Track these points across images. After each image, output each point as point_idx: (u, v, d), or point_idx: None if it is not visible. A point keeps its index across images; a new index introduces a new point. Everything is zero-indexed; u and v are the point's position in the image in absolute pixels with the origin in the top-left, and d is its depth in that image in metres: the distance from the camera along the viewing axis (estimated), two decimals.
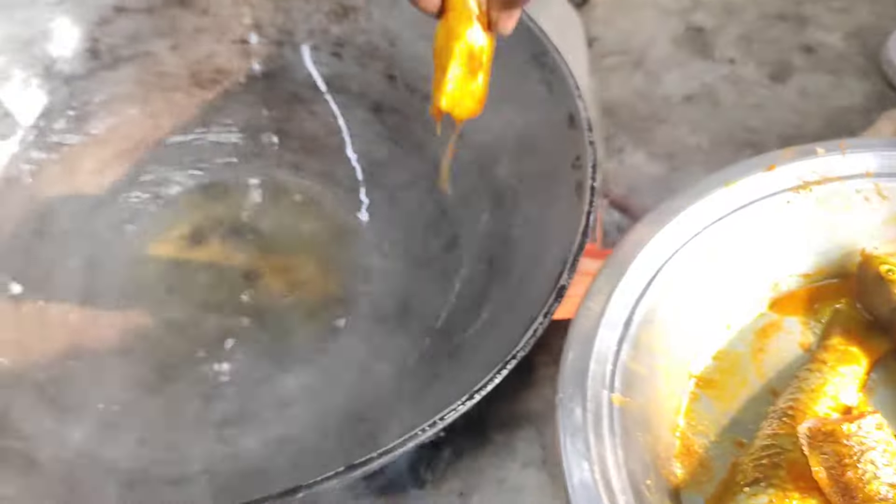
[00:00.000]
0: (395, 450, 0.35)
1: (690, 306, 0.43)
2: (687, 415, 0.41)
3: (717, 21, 0.88)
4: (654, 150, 0.77)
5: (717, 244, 0.45)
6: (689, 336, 0.43)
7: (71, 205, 0.60)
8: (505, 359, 0.39)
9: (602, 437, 0.34)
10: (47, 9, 0.60)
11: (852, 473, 0.35)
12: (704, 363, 0.44)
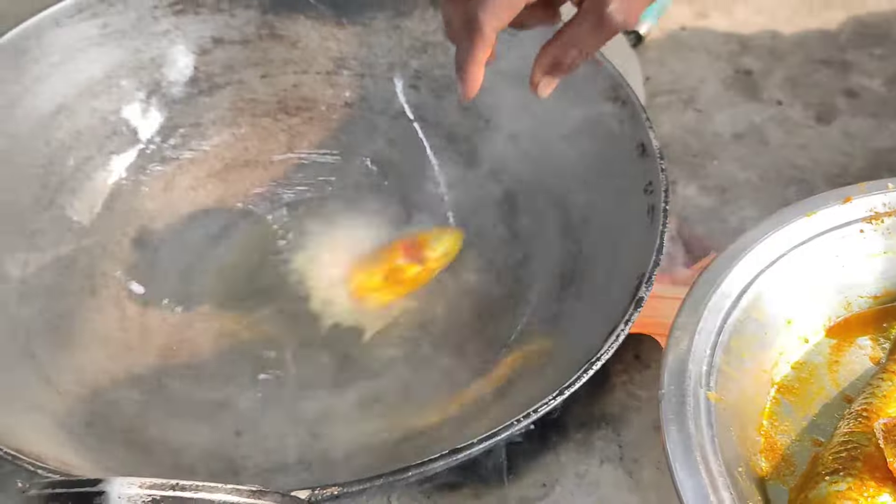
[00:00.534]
0: (494, 436, 0.39)
1: (773, 320, 0.47)
2: (769, 416, 0.45)
3: (764, 65, 0.92)
4: (706, 183, 0.81)
5: (798, 266, 0.49)
6: (772, 346, 0.47)
7: (167, 217, 0.64)
8: (590, 359, 0.42)
9: (700, 427, 0.38)
10: (154, 39, 0.65)
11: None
12: (784, 371, 0.48)
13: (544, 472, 0.44)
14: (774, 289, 0.48)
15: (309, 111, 0.69)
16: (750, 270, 0.48)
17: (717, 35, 0.96)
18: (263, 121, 0.69)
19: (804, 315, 0.49)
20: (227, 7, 0.67)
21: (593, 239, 0.54)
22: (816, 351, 0.49)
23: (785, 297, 0.49)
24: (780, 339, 0.48)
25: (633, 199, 0.52)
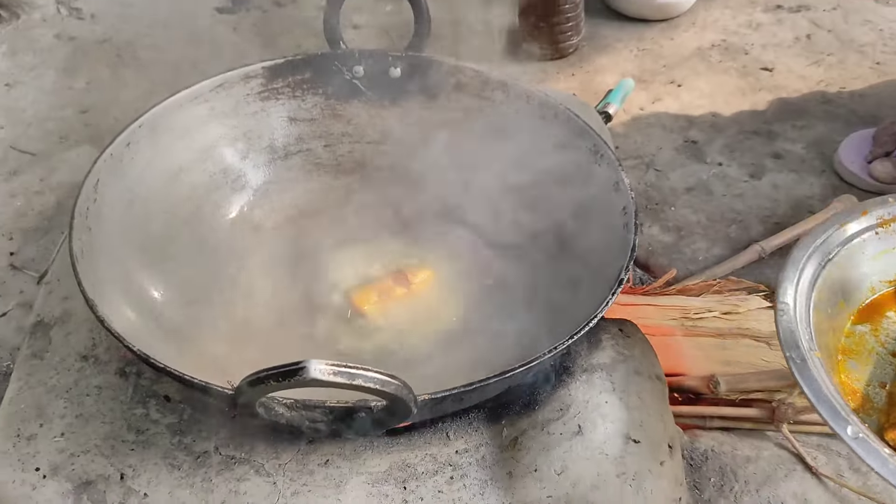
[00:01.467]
0: (556, 350, 0.57)
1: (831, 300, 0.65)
2: (842, 371, 0.63)
3: (707, 136, 1.16)
4: (666, 224, 1.02)
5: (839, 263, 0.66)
6: (834, 320, 0.65)
7: (254, 251, 0.83)
8: (597, 310, 0.61)
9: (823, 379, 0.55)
10: (247, 118, 0.85)
11: None
12: (841, 339, 0.66)
13: (560, 402, 0.62)
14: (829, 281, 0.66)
15: (361, 172, 0.90)
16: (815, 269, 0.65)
17: (669, 114, 1.20)
18: (325, 181, 0.89)
19: (846, 297, 0.68)
20: (300, 94, 0.88)
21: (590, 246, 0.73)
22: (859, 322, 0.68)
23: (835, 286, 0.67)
24: (834, 316, 0.66)
25: (612, 220, 0.72)
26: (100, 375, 0.73)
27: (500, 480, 0.64)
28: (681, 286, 0.90)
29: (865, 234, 0.69)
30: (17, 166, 1.10)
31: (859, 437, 0.52)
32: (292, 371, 0.48)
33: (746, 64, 1.29)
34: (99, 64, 1.28)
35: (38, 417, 0.71)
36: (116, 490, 0.66)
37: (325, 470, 0.66)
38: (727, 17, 1.40)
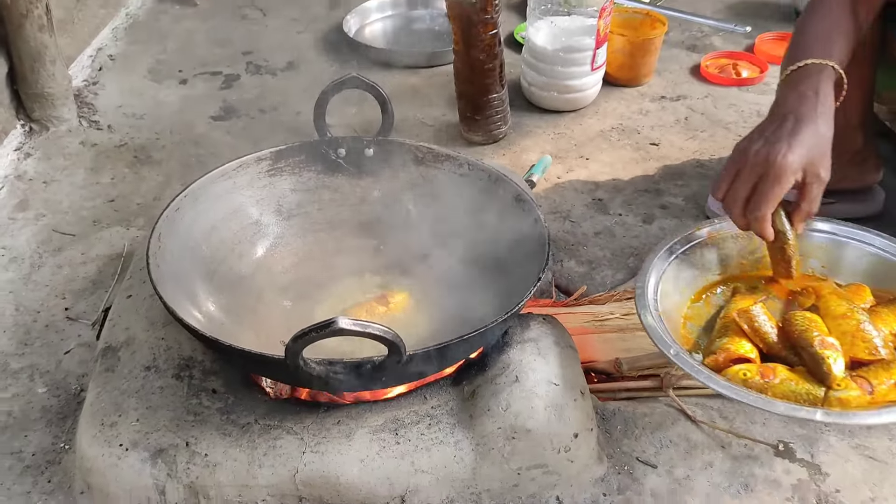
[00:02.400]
0: (497, 322, 0.83)
1: (675, 289, 0.94)
2: (683, 329, 0.91)
3: (610, 195, 1.47)
4: (580, 259, 1.31)
5: (687, 259, 0.96)
6: (678, 299, 0.94)
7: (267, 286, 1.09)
8: (523, 298, 0.88)
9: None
10: (259, 189, 1.13)
11: (753, 325, 0.86)
12: (685, 310, 0.95)
13: (503, 363, 0.88)
14: (674, 274, 0.96)
15: (346, 226, 1.17)
16: (660, 267, 0.95)
17: (580, 181, 1.51)
18: (320, 235, 1.16)
19: (687, 286, 0.97)
20: (298, 171, 1.16)
21: (518, 260, 1.01)
22: (696, 301, 0.98)
23: (678, 279, 0.96)
24: (679, 297, 0.95)
25: (532, 244, 1.01)
26: (160, 379, 0.97)
27: (464, 422, 0.89)
28: (590, 298, 1.19)
29: (697, 245, 1.00)
30: (61, 245, 1.35)
31: (678, 354, 0.80)
32: (326, 324, 0.74)
33: (638, 141, 1.63)
34: (119, 163, 1.55)
35: (116, 411, 0.94)
36: (183, 453, 0.89)
37: (338, 427, 0.90)
38: (623, 107, 1.75)
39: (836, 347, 0.82)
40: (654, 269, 0.95)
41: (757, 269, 1.02)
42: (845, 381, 0.80)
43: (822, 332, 0.84)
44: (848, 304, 0.88)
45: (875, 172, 1.36)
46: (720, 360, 0.85)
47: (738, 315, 0.90)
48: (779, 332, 0.87)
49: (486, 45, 1.50)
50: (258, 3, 2.26)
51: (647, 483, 0.94)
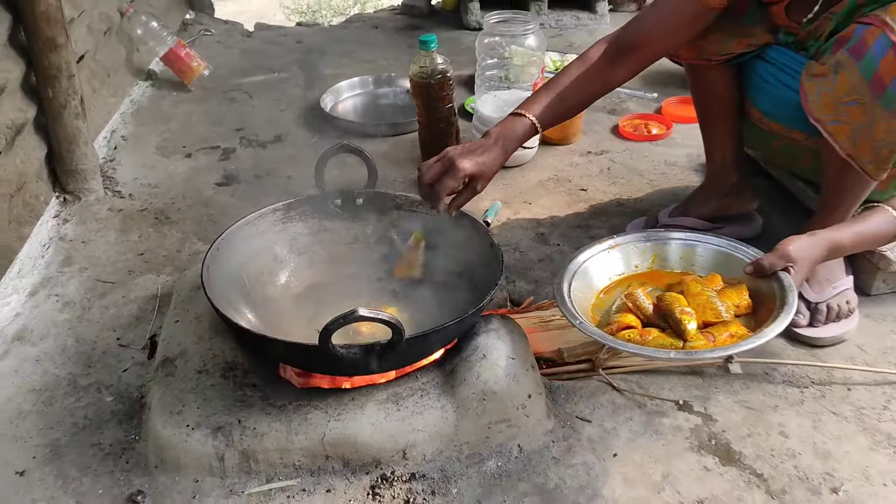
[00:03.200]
0: (469, 314, 1.14)
1: (590, 279, 1.27)
2: (592, 313, 1.23)
3: (549, 230, 1.81)
4: (528, 280, 1.64)
5: (595, 264, 1.29)
6: (588, 293, 1.26)
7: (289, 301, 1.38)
8: (485, 298, 1.20)
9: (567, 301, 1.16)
10: (274, 234, 1.43)
11: (636, 303, 1.18)
12: (594, 300, 1.26)
13: (474, 346, 1.19)
14: (590, 269, 1.28)
15: (344, 260, 1.48)
16: (577, 263, 1.27)
17: (525, 220, 1.85)
18: (325, 266, 1.46)
19: (598, 280, 1.29)
20: (304, 218, 1.46)
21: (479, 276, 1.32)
22: (604, 291, 1.29)
23: (594, 273, 1.29)
24: (593, 287, 1.27)
25: (490, 263, 1.32)
26: (211, 379, 1.25)
27: (447, 391, 1.20)
28: (537, 305, 1.51)
29: (603, 252, 1.33)
30: (104, 291, 1.62)
31: (582, 324, 1.13)
32: (350, 313, 1.04)
33: (570, 188, 1.99)
34: (143, 224, 1.84)
35: (180, 403, 1.21)
36: (237, 428, 1.17)
37: (353, 402, 1.19)
38: (557, 161, 2.11)
39: (691, 314, 1.15)
40: (569, 270, 1.27)
41: (647, 270, 1.35)
42: (696, 336, 1.12)
43: (682, 305, 1.17)
44: (702, 286, 1.21)
45: (751, 202, 1.72)
46: (613, 329, 1.16)
47: (625, 297, 1.23)
48: (654, 308, 1.20)
49: (444, 117, 1.85)
50: (244, 87, 2.60)
51: (584, 433, 1.25)
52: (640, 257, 1.35)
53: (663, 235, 1.36)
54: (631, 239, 1.35)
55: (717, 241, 1.33)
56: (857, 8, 1.35)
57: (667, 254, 1.35)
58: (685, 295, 1.20)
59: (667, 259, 1.35)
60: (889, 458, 1.21)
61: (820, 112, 1.35)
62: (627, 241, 1.35)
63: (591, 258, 1.31)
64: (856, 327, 1.48)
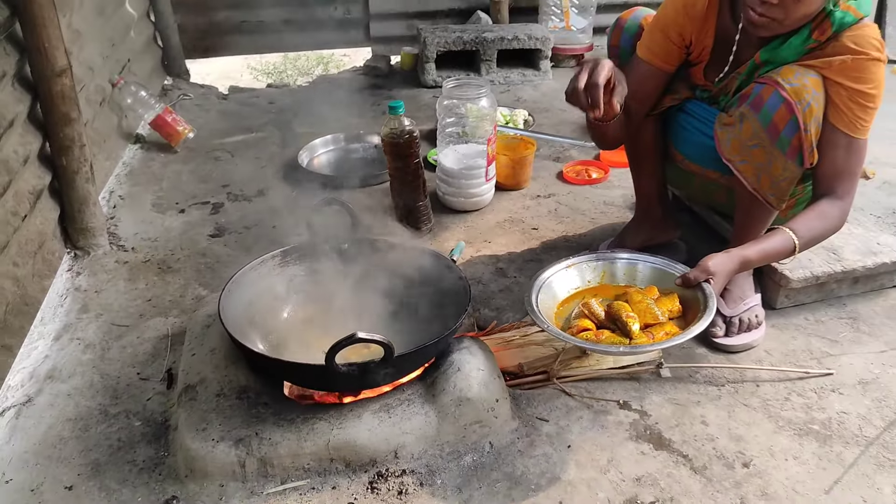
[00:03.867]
0: (446, 335, 1.39)
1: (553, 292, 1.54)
2: (555, 320, 1.48)
3: (507, 264, 2.07)
4: (491, 307, 1.90)
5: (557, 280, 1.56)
6: (552, 304, 1.52)
7: (296, 335, 1.61)
8: (457, 322, 1.45)
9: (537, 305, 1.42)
10: (274, 277, 1.67)
11: (591, 310, 1.47)
12: (556, 310, 1.53)
13: (449, 361, 1.43)
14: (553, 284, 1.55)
15: (334, 296, 1.71)
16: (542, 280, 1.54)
17: (486, 256, 2.11)
18: (320, 303, 1.70)
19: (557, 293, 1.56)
20: (298, 262, 1.70)
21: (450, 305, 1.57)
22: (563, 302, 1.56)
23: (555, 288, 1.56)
24: (554, 296, 1.54)
25: (457, 293, 1.58)
26: (228, 401, 1.47)
27: (430, 400, 1.43)
28: (500, 328, 1.76)
29: (562, 270, 1.60)
30: (120, 333, 1.83)
31: (549, 327, 1.39)
32: (350, 336, 1.28)
33: (523, 227, 2.26)
34: (148, 273, 2.05)
35: (204, 422, 1.43)
36: (255, 439, 1.39)
37: (352, 412, 1.42)
38: (510, 205, 2.39)
39: (634, 318, 1.42)
40: (536, 285, 1.54)
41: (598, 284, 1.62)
42: (639, 335, 1.40)
43: (627, 310, 1.44)
44: (642, 296, 1.49)
45: (675, 232, 2.02)
46: (574, 331, 1.43)
47: (582, 305, 1.50)
48: (606, 314, 1.47)
49: (411, 170, 2.11)
50: (226, 147, 2.84)
51: (543, 430, 1.50)
52: (592, 274, 1.63)
53: (611, 256, 1.65)
54: (584, 259, 1.64)
55: (653, 259, 1.61)
56: (755, 69, 1.67)
57: (614, 271, 1.64)
58: (629, 303, 1.48)
59: (614, 275, 1.63)
60: (789, 439, 1.48)
61: (730, 154, 1.65)
62: (581, 261, 1.63)
63: (553, 275, 1.59)
64: (763, 336, 1.76)
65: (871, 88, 1.57)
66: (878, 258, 1.90)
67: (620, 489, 1.37)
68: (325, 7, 3.75)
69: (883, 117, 1.65)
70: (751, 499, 1.35)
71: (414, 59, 3.66)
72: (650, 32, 1.76)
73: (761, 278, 1.88)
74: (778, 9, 1.47)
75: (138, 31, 3.18)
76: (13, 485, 1.39)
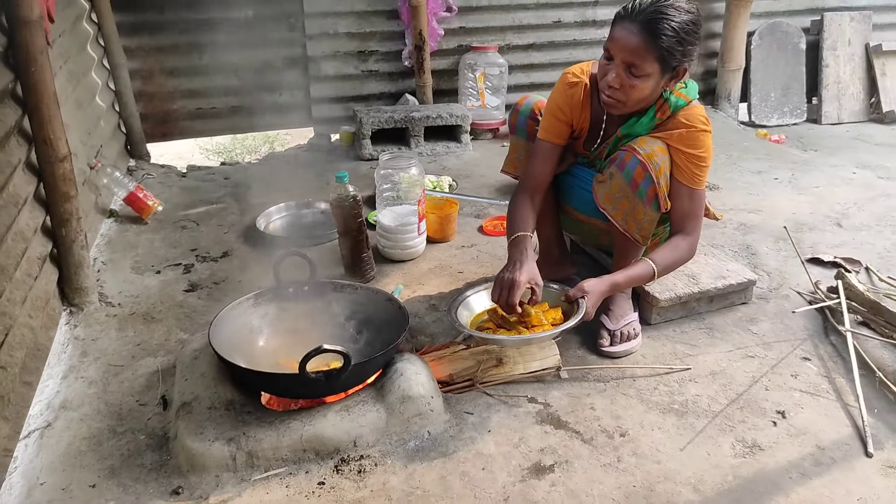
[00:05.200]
0: (390, 348, 1.79)
1: (470, 308, 1.96)
2: (470, 326, 1.91)
3: (438, 302, 2.50)
4: (425, 335, 2.31)
5: (474, 299, 2.00)
6: (468, 315, 1.98)
7: (270, 358, 1.98)
8: (398, 340, 1.85)
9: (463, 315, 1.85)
10: (252, 315, 2.05)
11: (499, 312, 1.91)
12: (472, 321, 1.95)
13: (393, 369, 1.82)
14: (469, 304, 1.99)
15: (300, 329, 2.10)
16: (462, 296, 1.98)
17: (421, 296, 2.52)
18: (287, 334, 2.07)
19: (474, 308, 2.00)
20: (267, 303, 2.08)
21: (392, 329, 1.98)
22: (477, 317, 1.99)
23: (472, 306, 2.01)
24: (472, 313, 1.97)
25: (397, 321, 1.99)
26: (218, 412, 1.82)
27: (380, 400, 1.82)
28: (433, 348, 2.17)
29: (477, 293, 2.05)
30: (117, 371, 2.16)
31: (465, 329, 1.82)
32: (318, 348, 1.67)
33: (451, 272, 2.69)
34: (136, 323, 2.39)
35: (200, 427, 1.77)
36: (243, 437, 1.74)
37: (318, 413, 1.78)
38: (440, 254, 2.82)
39: (530, 322, 1.88)
40: (458, 302, 1.98)
41: None
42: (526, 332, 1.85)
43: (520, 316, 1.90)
44: (536, 308, 1.94)
45: (571, 269, 2.49)
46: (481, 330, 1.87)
47: (490, 312, 1.94)
48: (502, 318, 1.92)
49: (356, 228, 2.53)
50: (191, 218, 3.21)
51: (469, 420, 1.90)
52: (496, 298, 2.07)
53: None
54: None
55: (548, 284, 2.08)
56: (619, 141, 2.17)
57: None
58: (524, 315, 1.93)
59: None
60: (656, 416, 1.92)
61: (604, 204, 2.13)
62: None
63: (471, 295, 2.03)
64: (639, 344, 2.22)
65: (702, 153, 2.08)
66: (727, 281, 2.40)
67: (528, 457, 1.78)
68: (272, 93, 4.21)
69: (741, 172, 2.18)
70: (625, 457, 1.77)
71: (352, 136, 4.12)
72: (545, 119, 2.24)
73: (639, 300, 2.35)
74: (620, 92, 1.97)
75: (106, 120, 3.55)
76: (47, 486, 1.71)
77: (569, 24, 4.52)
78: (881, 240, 2.92)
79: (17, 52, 2.13)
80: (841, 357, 2.16)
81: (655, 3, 1.89)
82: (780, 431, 1.86)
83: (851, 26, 4.86)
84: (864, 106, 4.90)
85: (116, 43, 3.70)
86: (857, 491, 1.66)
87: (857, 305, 2.30)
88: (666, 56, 1.90)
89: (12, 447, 1.79)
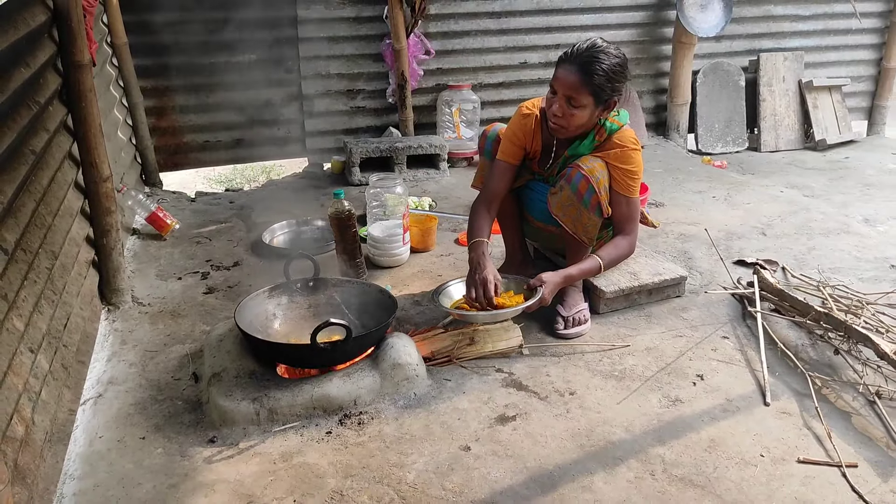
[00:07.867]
0: (383, 326, 2.18)
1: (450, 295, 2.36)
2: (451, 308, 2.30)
3: (420, 297, 2.89)
4: (410, 323, 2.70)
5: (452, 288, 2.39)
6: (449, 302, 2.37)
7: (285, 329, 2.37)
8: (389, 319, 2.24)
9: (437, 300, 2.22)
10: (264, 305, 2.43)
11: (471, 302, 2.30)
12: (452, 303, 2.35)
13: (386, 344, 2.20)
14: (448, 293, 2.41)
15: (308, 315, 2.48)
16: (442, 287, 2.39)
17: (405, 295, 2.91)
18: (298, 320, 2.46)
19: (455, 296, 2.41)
20: (278, 296, 2.47)
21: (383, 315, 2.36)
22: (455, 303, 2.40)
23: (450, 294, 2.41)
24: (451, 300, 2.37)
25: (389, 307, 2.38)
26: (243, 380, 2.19)
27: (375, 367, 2.20)
28: (418, 332, 2.56)
29: (455, 283, 2.46)
30: (152, 356, 2.52)
31: (444, 308, 2.22)
32: (326, 321, 2.06)
33: (431, 276, 3.08)
34: (165, 318, 2.76)
35: (228, 391, 2.14)
36: (265, 398, 2.11)
37: (326, 378, 2.17)
38: (422, 261, 3.23)
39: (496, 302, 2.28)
40: (438, 290, 2.38)
41: None
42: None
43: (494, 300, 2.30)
44: (505, 297, 2.35)
45: (532, 270, 2.90)
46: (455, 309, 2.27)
47: (465, 299, 2.35)
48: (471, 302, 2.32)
49: (351, 239, 2.93)
50: (203, 235, 3.59)
51: (447, 385, 2.28)
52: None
53: None
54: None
55: (511, 276, 2.50)
56: (566, 160, 2.60)
57: None
58: None
59: None
60: (599, 380, 2.32)
61: (556, 212, 2.55)
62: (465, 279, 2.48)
63: (450, 286, 2.44)
64: (589, 328, 2.62)
65: (634, 167, 2.52)
66: (663, 276, 2.82)
67: (496, 410, 2.16)
68: (271, 128, 4.63)
69: (685, 192, 2.61)
70: (573, 409, 2.17)
71: (342, 164, 4.54)
72: (503, 143, 2.67)
73: (589, 293, 2.77)
74: (563, 119, 2.41)
75: (126, 151, 3.94)
76: (105, 439, 2.06)
77: (534, 64, 5.00)
78: (798, 245, 3.37)
79: (70, 90, 2.52)
80: (754, 336, 2.57)
81: (590, 49, 2.33)
82: (698, 389, 2.26)
83: (785, 65, 5.39)
84: (798, 135, 5.41)
85: (135, 84, 4.10)
86: (755, 429, 2.07)
87: (769, 294, 2.73)
88: (598, 91, 2.34)
89: (75, 408, 2.15)
